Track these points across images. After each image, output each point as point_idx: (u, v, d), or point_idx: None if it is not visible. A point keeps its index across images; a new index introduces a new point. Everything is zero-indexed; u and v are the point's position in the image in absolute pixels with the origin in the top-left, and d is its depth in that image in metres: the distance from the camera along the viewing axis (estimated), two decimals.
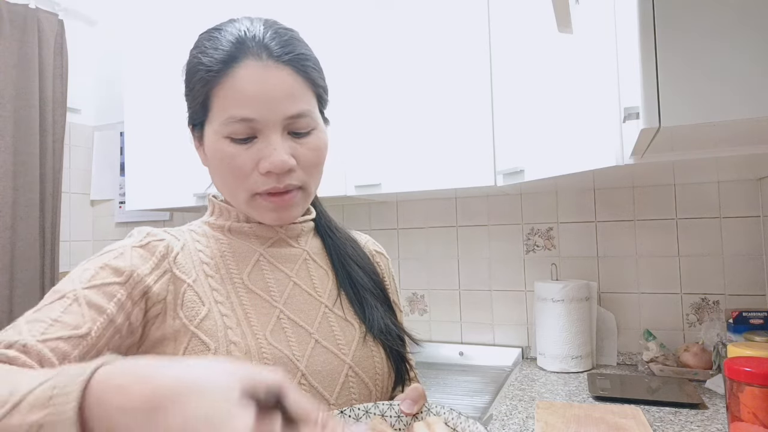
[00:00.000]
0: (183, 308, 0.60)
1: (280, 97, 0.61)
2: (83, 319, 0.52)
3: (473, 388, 1.49)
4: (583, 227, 1.63)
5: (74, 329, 0.51)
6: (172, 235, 0.67)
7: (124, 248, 0.60)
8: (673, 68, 0.66)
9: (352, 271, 0.74)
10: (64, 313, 0.52)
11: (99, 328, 0.53)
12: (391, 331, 0.71)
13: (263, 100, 0.60)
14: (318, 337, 0.66)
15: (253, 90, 0.60)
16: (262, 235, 0.70)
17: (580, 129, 1.13)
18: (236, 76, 0.60)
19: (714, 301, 1.48)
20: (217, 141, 0.63)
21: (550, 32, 1.19)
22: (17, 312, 1.91)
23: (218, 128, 0.62)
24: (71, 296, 0.54)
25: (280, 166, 0.61)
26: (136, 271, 0.58)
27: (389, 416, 0.57)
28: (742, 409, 0.86)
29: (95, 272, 0.57)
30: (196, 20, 1.77)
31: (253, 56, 0.60)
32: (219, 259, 0.67)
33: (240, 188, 0.64)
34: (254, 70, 0.60)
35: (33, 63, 2.00)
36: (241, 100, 0.60)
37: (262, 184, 0.63)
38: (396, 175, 1.50)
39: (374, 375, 0.68)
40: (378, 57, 1.54)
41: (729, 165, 1.15)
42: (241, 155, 0.62)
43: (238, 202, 0.66)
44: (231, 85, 0.60)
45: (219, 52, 0.61)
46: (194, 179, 1.77)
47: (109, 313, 0.54)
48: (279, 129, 0.62)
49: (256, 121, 0.60)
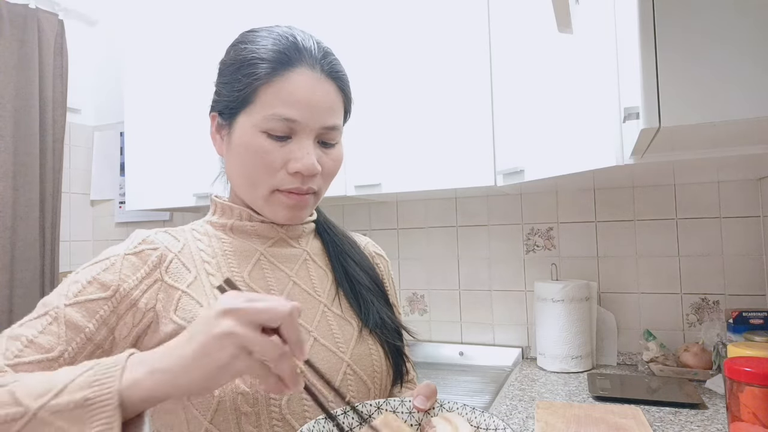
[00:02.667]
0: (178, 312, 0.62)
1: (323, 108, 0.66)
2: (58, 340, 0.56)
3: (473, 388, 1.49)
4: (583, 227, 1.63)
5: (46, 352, 0.55)
6: (172, 236, 0.68)
7: (116, 257, 0.63)
8: (673, 68, 0.66)
9: (348, 268, 0.75)
10: (42, 334, 0.56)
11: (74, 348, 0.57)
12: (387, 325, 0.73)
13: (309, 107, 0.65)
14: (317, 335, 0.67)
15: (303, 95, 0.64)
16: (264, 234, 0.72)
17: (580, 129, 1.13)
18: (290, 78, 0.64)
19: (714, 301, 1.48)
20: (253, 134, 0.65)
21: (550, 32, 1.19)
22: (17, 312, 1.91)
23: (258, 122, 0.65)
24: (53, 314, 0.58)
25: (310, 169, 0.65)
26: (123, 285, 0.61)
27: (401, 412, 0.57)
28: (742, 409, 0.86)
29: (83, 287, 0.60)
30: (197, 20, 1.77)
31: (309, 66, 0.66)
32: (220, 258, 0.68)
33: (264, 182, 0.66)
34: (308, 78, 0.65)
35: (33, 63, 2.00)
36: (290, 102, 0.64)
37: (288, 182, 0.66)
38: (396, 175, 1.50)
39: (372, 373, 0.69)
40: (378, 57, 1.54)
41: (729, 165, 1.15)
42: (275, 152, 0.65)
43: (255, 195, 0.68)
44: (283, 86, 0.64)
45: (276, 53, 0.65)
46: (194, 179, 1.77)
47: (87, 332, 0.58)
48: (313, 136, 0.66)
49: (298, 123, 0.64)
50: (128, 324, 0.60)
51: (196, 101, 1.75)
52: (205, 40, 1.76)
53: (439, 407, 0.58)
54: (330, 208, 1.98)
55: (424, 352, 1.78)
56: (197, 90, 1.74)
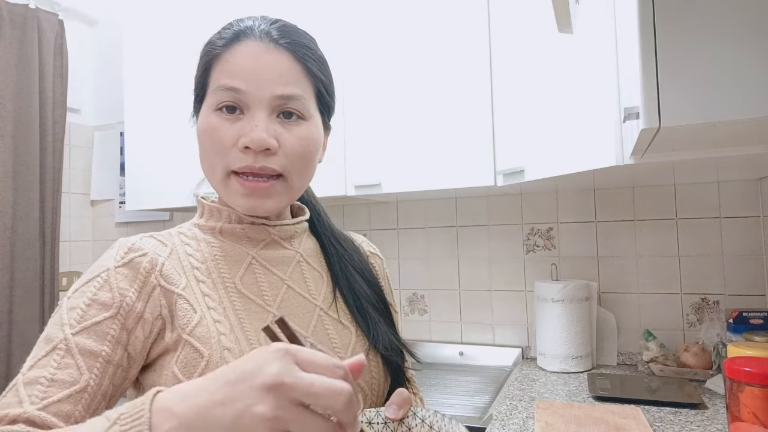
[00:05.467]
0: (176, 318, 0.60)
1: (272, 76, 0.62)
2: (78, 371, 0.53)
3: (473, 388, 1.48)
4: (583, 227, 1.63)
5: (72, 386, 0.52)
6: (159, 240, 0.66)
7: (108, 273, 0.59)
8: (673, 68, 0.66)
9: (353, 282, 0.73)
10: (59, 369, 0.53)
11: (97, 374, 0.54)
12: (395, 348, 0.71)
13: (253, 74, 0.62)
14: (313, 340, 0.65)
15: (246, 64, 0.62)
16: (254, 236, 0.69)
17: (580, 129, 1.13)
18: (235, 51, 0.63)
19: (714, 301, 1.48)
20: (207, 115, 0.64)
21: (550, 32, 1.19)
22: (17, 312, 1.91)
23: (209, 100, 0.64)
24: (63, 347, 0.54)
25: (258, 142, 0.60)
26: (125, 301, 0.58)
27: (376, 423, 0.56)
28: (742, 409, 0.86)
29: (83, 311, 0.56)
30: (197, 20, 1.77)
31: (255, 38, 0.64)
32: (210, 263, 0.65)
33: (218, 164, 0.63)
34: (252, 48, 0.63)
35: (33, 63, 2.00)
36: (233, 72, 0.62)
37: (239, 160, 0.62)
38: (396, 175, 1.50)
39: (370, 379, 0.68)
40: (378, 57, 1.53)
41: (729, 165, 1.15)
42: (224, 128, 0.62)
43: (215, 181, 0.66)
44: (227, 59, 0.63)
45: (226, 33, 0.65)
46: (194, 179, 1.77)
47: (105, 355, 0.55)
48: (265, 108, 0.62)
49: (243, 93, 0.62)
50: (140, 338, 0.58)
51: None
52: (205, 40, 1.75)
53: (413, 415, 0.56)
54: (330, 208, 1.97)
55: (424, 352, 1.78)
56: None
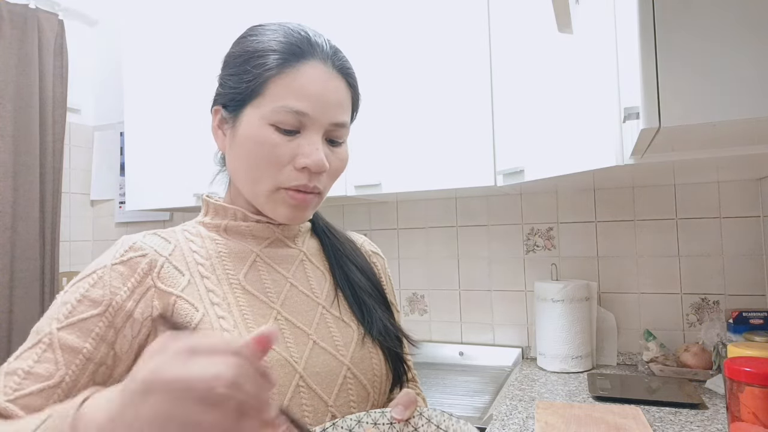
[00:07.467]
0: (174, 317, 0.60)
1: (334, 103, 0.64)
2: (56, 366, 0.54)
3: (473, 388, 1.49)
4: (583, 227, 1.63)
5: (46, 380, 0.53)
6: (163, 237, 0.66)
7: (103, 270, 0.60)
8: (673, 68, 0.66)
9: (350, 273, 0.74)
10: (38, 363, 0.54)
11: (74, 371, 0.55)
12: (390, 332, 0.71)
13: (320, 101, 0.63)
14: (316, 338, 0.65)
15: (315, 89, 0.63)
16: (259, 234, 0.70)
17: (580, 129, 1.13)
18: (302, 71, 0.63)
19: (714, 301, 1.48)
20: (261, 126, 0.63)
21: (550, 32, 1.19)
22: (17, 312, 1.91)
23: (267, 114, 0.62)
24: (46, 341, 0.55)
25: (319, 165, 0.63)
26: (115, 299, 0.58)
27: (381, 424, 0.56)
28: (742, 409, 0.86)
29: (73, 307, 0.57)
30: (197, 20, 1.77)
31: (321, 60, 0.64)
32: (215, 260, 0.66)
33: (268, 178, 0.64)
34: (320, 72, 0.64)
35: (33, 63, 2.00)
36: (302, 95, 0.62)
37: (294, 179, 0.64)
38: (396, 175, 1.50)
39: (372, 376, 0.68)
40: (378, 57, 1.54)
41: (729, 165, 1.15)
42: (282, 146, 0.63)
43: (257, 191, 0.65)
44: (295, 78, 0.63)
45: (288, 45, 0.64)
46: (194, 179, 1.77)
47: (86, 352, 0.56)
48: (321, 132, 0.64)
49: (308, 117, 0.63)
50: (128, 337, 0.58)
51: (196, 101, 1.76)
52: (205, 40, 1.76)
53: (419, 415, 0.56)
54: (330, 208, 1.98)
55: (424, 352, 1.78)
56: (197, 90, 1.75)
